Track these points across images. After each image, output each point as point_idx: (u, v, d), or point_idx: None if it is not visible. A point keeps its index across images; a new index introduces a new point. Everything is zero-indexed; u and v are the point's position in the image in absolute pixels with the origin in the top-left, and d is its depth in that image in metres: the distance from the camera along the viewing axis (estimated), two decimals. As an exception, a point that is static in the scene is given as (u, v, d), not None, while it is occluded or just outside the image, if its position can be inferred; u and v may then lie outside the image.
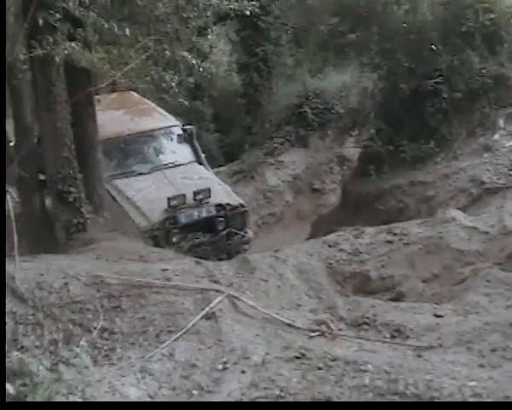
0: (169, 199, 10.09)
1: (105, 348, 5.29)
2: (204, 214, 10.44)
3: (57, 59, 7.56)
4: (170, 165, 11.44)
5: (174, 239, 9.99)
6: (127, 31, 7.73)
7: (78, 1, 7.28)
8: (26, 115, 9.81)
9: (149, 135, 11.68)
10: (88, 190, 9.47)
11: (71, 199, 9.13)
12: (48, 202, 9.92)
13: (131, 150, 11.47)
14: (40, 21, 7.13)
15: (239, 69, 19.26)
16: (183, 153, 11.76)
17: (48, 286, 6.15)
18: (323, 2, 14.57)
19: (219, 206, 10.53)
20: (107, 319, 5.63)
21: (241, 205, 10.93)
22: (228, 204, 10.63)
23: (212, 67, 14.53)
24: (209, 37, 17.94)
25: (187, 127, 12.06)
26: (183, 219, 10.22)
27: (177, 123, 12.15)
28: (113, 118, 11.77)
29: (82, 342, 4.24)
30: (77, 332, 5.40)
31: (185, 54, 10.03)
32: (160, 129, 11.88)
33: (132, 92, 13.07)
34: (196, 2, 9.89)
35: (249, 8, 11.23)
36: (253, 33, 18.07)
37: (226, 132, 19.32)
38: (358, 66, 13.51)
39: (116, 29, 7.59)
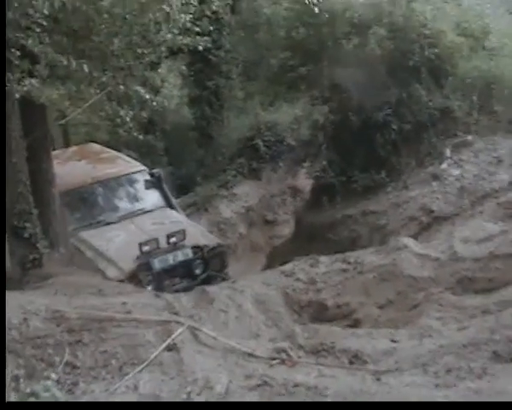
0: (140, 245, 9.46)
1: (68, 382, 5.28)
2: (180, 258, 9.80)
3: (17, 95, 7.58)
4: (139, 212, 10.84)
5: (149, 287, 9.21)
6: (85, 67, 7.79)
7: (37, 38, 7.34)
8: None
9: (114, 182, 11.05)
10: (43, 226, 9.39)
11: (26, 235, 9.02)
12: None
13: (96, 200, 10.86)
14: (0, 58, 7.18)
15: (190, 103, 19.36)
16: (152, 198, 11.17)
17: (7, 322, 6.11)
18: (274, 37, 14.88)
19: (196, 247, 9.94)
20: (68, 354, 5.63)
21: (220, 245, 10.41)
22: (205, 245, 10.05)
23: (164, 101, 14.69)
24: (160, 71, 18.17)
25: (154, 171, 11.52)
26: (156, 264, 9.57)
27: (143, 168, 11.59)
28: (75, 168, 11.29)
29: (52, 375, 4.26)
30: (39, 367, 5.39)
31: (138, 88, 10.09)
32: (126, 175, 11.27)
33: (92, 143, 12.73)
34: (150, 37, 9.99)
35: (202, 44, 11.38)
36: (204, 67, 18.20)
37: (179, 166, 19.33)
38: (309, 99, 13.82)
39: (74, 65, 7.65)
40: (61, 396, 3.76)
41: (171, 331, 5.94)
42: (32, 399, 3.46)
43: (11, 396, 4.44)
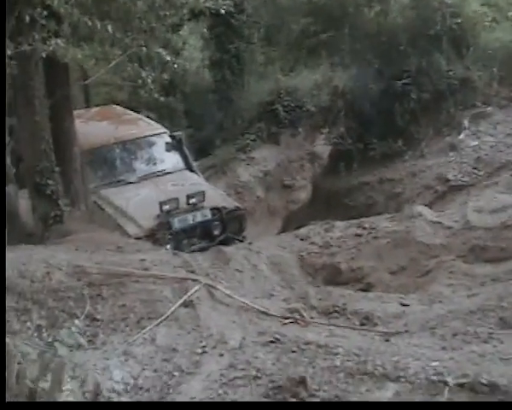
0: (161, 204, 9.67)
1: (88, 333, 5.50)
2: (199, 219, 9.97)
3: (43, 55, 7.74)
4: (159, 173, 11.03)
5: (168, 246, 9.30)
6: (109, 28, 7.91)
7: (62, -2, 7.49)
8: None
9: (136, 143, 11.21)
10: (65, 183, 9.61)
11: (48, 191, 9.25)
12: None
13: (117, 159, 11.01)
14: (27, 18, 7.31)
15: (211, 66, 19.43)
16: (173, 160, 11.32)
17: (30, 275, 6.34)
18: (296, 2, 14.85)
19: (215, 209, 10.09)
20: (89, 306, 5.84)
21: (238, 208, 10.56)
22: (224, 207, 10.21)
23: (185, 63, 14.77)
24: (182, 33, 18.22)
25: (175, 134, 11.64)
26: (176, 224, 9.74)
27: (165, 130, 11.72)
28: (97, 128, 11.44)
29: (76, 321, 4.48)
30: (61, 318, 5.61)
31: (160, 50, 10.19)
32: (147, 136, 11.43)
33: (114, 105, 12.85)
34: (173, 0, 10.07)
35: (224, 7, 11.42)
36: (225, 30, 18.25)
37: (198, 128, 19.41)
38: (330, 65, 13.83)
39: (98, 26, 7.77)
40: (84, 343, 3.96)
41: (188, 288, 6.14)
42: (57, 344, 3.65)
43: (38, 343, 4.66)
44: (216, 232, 10.07)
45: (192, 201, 9.90)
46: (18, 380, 3.47)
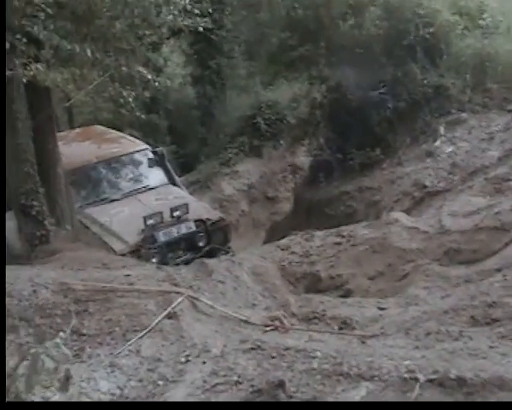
0: (145, 218, 9.74)
1: (75, 348, 5.64)
2: (184, 231, 10.04)
3: (24, 80, 7.91)
4: (142, 189, 11.12)
5: (154, 260, 9.45)
6: (88, 51, 8.09)
7: (41, 24, 7.64)
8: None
9: (118, 161, 11.30)
10: (50, 204, 9.71)
11: (33, 212, 9.35)
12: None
13: (101, 178, 11.10)
14: (7, 45, 7.48)
15: (193, 82, 19.68)
16: (156, 176, 11.42)
17: (17, 294, 6.48)
18: (274, 17, 15.10)
19: (199, 221, 10.18)
20: (75, 321, 5.99)
21: (222, 219, 10.65)
22: (208, 219, 10.31)
23: (166, 80, 14.95)
24: (163, 50, 18.42)
25: (157, 149, 11.77)
26: (161, 237, 9.85)
27: (146, 146, 11.83)
28: (79, 148, 11.56)
29: (61, 334, 4.66)
30: (49, 334, 5.75)
31: (141, 69, 10.36)
32: (129, 154, 11.54)
33: (96, 125, 12.97)
34: (151, 19, 10.24)
35: (202, 25, 11.60)
36: (206, 46, 18.50)
37: (182, 144, 19.62)
38: (308, 78, 14.08)
39: (77, 49, 7.95)
40: (69, 353, 4.13)
41: (172, 301, 6.29)
42: (43, 356, 3.82)
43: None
44: (201, 244, 10.16)
45: (176, 213, 9.99)
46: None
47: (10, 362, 4.05)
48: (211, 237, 10.25)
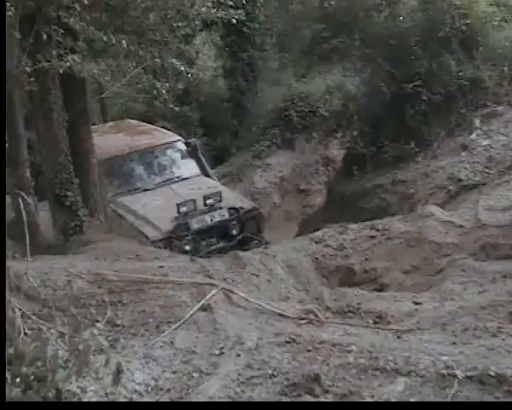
0: (178, 206, 9.80)
1: (109, 338, 5.67)
2: (217, 219, 10.08)
3: (60, 71, 7.99)
4: (175, 179, 11.24)
5: (187, 247, 9.54)
6: (124, 42, 8.13)
7: (78, 16, 7.71)
8: (18, 123, 10.13)
9: (151, 152, 11.46)
10: (84, 194, 9.83)
11: (68, 203, 9.47)
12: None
13: (134, 168, 11.27)
14: (44, 36, 7.55)
15: (225, 74, 19.69)
16: (188, 167, 11.53)
17: (52, 284, 6.54)
18: (307, 8, 15.00)
19: (232, 209, 10.22)
20: (110, 312, 6.03)
21: (256, 208, 10.71)
22: (241, 207, 10.35)
23: (199, 72, 14.99)
24: (195, 43, 18.44)
25: (190, 141, 11.87)
26: (194, 224, 9.88)
27: (179, 138, 11.93)
28: (112, 140, 11.71)
29: (98, 324, 4.68)
30: (83, 325, 5.79)
31: (174, 61, 10.41)
32: (162, 145, 11.66)
33: (129, 119, 13.17)
34: (185, 11, 10.27)
35: (236, 17, 11.59)
36: (238, 39, 18.50)
37: (214, 136, 19.66)
38: (341, 70, 13.98)
39: (113, 41, 8.00)
40: (106, 344, 4.14)
41: (206, 293, 6.30)
42: (80, 346, 3.83)
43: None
44: (234, 232, 10.18)
45: (209, 201, 10.02)
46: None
47: (60, 352, 4.02)
48: (244, 226, 10.27)
